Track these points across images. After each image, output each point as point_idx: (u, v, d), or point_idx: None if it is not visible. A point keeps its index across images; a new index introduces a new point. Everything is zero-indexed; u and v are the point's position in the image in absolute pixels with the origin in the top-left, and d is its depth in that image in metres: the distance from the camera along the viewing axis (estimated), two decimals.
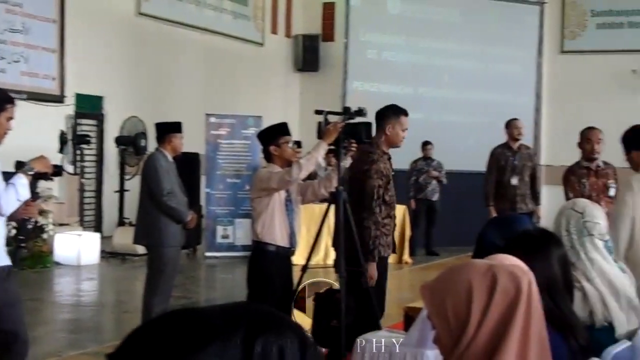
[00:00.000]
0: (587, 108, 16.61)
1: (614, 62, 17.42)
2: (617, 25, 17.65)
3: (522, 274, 2.00)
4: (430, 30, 16.28)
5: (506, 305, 1.94)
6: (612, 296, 3.75)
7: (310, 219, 11.32)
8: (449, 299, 1.97)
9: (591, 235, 3.82)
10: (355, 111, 6.27)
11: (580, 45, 17.89)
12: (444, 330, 1.99)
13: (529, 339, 1.94)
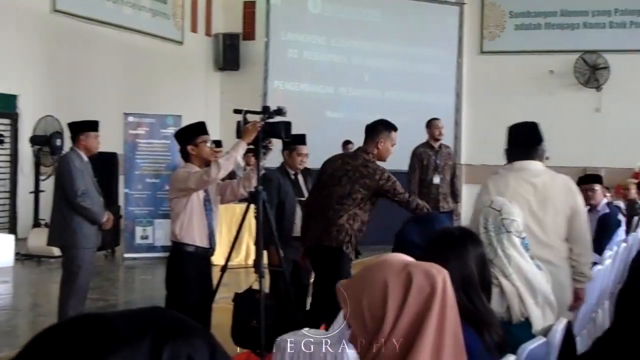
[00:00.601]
0: (506, 108, 16.85)
1: (532, 63, 17.74)
2: (534, 27, 17.96)
3: (437, 272, 2.02)
4: (351, 30, 16.34)
5: (421, 303, 1.96)
6: (528, 292, 3.80)
7: (232, 219, 11.27)
8: (365, 297, 1.98)
9: (508, 233, 3.88)
10: (274, 110, 6.23)
11: (499, 45, 18.16)
12: (360, 329, 2.00)
13: (443, 336, 1.96)
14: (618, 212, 9.10)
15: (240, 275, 9.72)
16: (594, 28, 17.65)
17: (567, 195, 4.97)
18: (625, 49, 17.27)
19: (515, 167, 5.08)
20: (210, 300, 6.29)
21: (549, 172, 5.06)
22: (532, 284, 3.84)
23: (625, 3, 17.43)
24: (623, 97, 17.09)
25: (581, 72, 17.47)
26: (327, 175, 6.46)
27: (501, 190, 4.90)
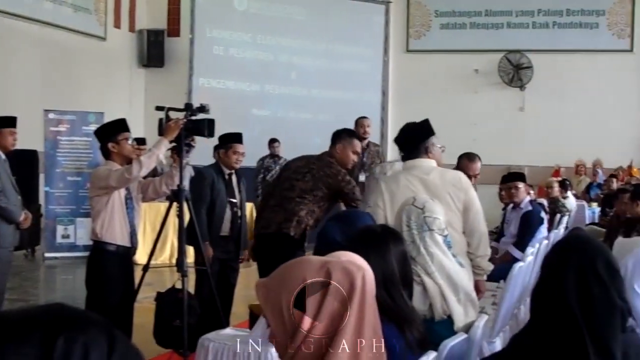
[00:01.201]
0: (432, 106, 16.97)
1: (457, 62, 17.89)
2: (459, 26, 18.13)
3: (356, 270, 2.01)
4: (277, 28, 16.31)
5: (340, 300, 1.96)
6: (450, 290, 3.85)
7: (156, 217, 11.16)
8: (284, 295, 1.97)
9: (431, 231, 3.92)
10: (197, 108, 6.21)
11: (425, 44, 18.27)
12: (279, 327, 1.99)
13: (362, 333, 1.96)
14: (541, 210, 9.23)
15: (165, 274, 9.63)
16: (518, 28, 17.88)
17: (459, 190, 5.03)
18: (548, 49, 17.53)
19: (406, 166, 5.20)
20: (132, 300, 6.22)
21: (439, 169, 5.14)
22: (454, 281, 3.89)
23: (547, 4, 17.70)
24: (546, 96, 17.35)
25: (505, 72, 17.69)
26: (290, 171, 6.59)
27: (392, 189, 4.99)
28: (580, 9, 17.62)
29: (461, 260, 4.15)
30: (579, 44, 17.52)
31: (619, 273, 2.57)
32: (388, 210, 4.93)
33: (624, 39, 17.56)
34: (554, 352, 2.45)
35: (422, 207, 3.98)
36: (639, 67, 17.38)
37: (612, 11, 17.58)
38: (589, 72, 17.22)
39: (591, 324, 2.42)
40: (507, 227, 9.18)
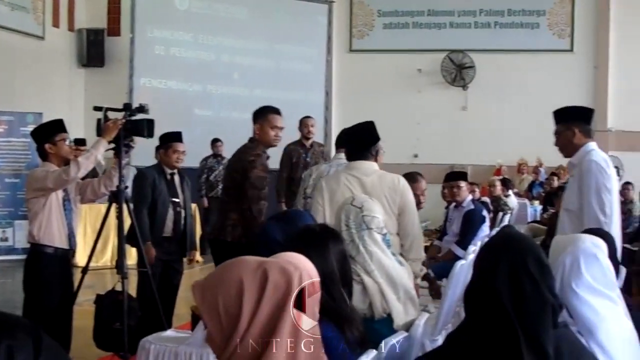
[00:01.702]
0: (376, 106, 17.02)
1: (400, 61, 17.92)
2: (402, 26, 18.17)
3: (293, 270, 2.01)
4: (219, 27, 16.19)
5: (277, 300, 1.95)
6: (390, 288, 3.87)
7: (96, 218, 11.03)
8: (221, 296, 1.96)
9: (370, 229, 3.95)
10: (136, 108, 6.19)
11: (368, 44, 18.30)
12: (216, 328, 1.97)
13: (299, 333, 1.96)
14: (483, 209, 9.31)
15: (107, 276, 9.51)
16: (460, 28, 17.98)
17: (395, 194, 5.16)
18: (490, 49, 17.66)
19: (349, 166, 5.35)
20: (71, 303, 6.16)
21: (379, 172, 5.28)
22: (393, 279, 3.91)
23: (489, 4, 17.84)
24: (488, 96, 17.49)
25: (448, 71, 17.79)
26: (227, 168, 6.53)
27: (333, 188, 5.17)
28: (521, 9, 17.78)
29: (400, 259, 4.16)
30: (520, 44, 17.70)
31: (549, 269, 2.60)
32: (327, 208, 5.11)
33: (564, 38, 17.78)
34: (489, 349, 2.47)
35: (360, 206, 4.01)
36: (579, 67, 17.61)
37: (553, 11, 17.78)
38: (530, 71, 17.39)
39: (523, 321, 2.45)
40: (449, 225, 9.24)
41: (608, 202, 5.25)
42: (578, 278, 3.10)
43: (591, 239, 3.26)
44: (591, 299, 3.08)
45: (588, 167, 5.33)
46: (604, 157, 5.43)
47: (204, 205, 13.70)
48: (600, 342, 3.02)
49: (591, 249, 3.18)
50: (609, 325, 3.05)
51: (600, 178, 5.27)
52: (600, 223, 5.14)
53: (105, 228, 6.55)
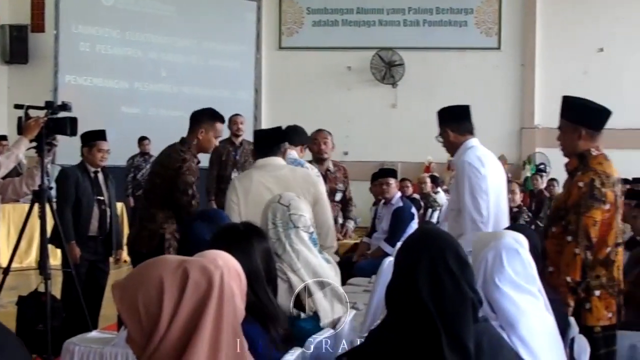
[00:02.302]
0: (306, 103, 17.05)
1: (330, 59, 17.93)
2: (332, 23, 18.18)
3: (214, 268, 2.01)
4: (146, 24, 15.99)
5: (198, 299, 1.95)
6: (317, 286, 3.85)
7: (20, 218, 10.82)
8: (141, 296, 1.95)
9: (297, 228, 3.95)
10: (58, 106, 6.11)
11: (298, 42, 18.26)
12: (136, 328, 1.96)
13: (221, 331, 1.95)
14: (412, 206, 9.36)
15: (32, 277, 9.37)
16: (389, 26, 18.04)
17: (308, 185, 5.30)
18: (419, 47, 17.77)
19: (258, 164, 5.44)
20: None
21: (289, 166, 5.53)
22: (320, 277, 3.89)
23: (418, 2, 17.93)
24: (417, 93, 17.60)
25: (377, 69, 17.84)
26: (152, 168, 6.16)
27: (246, 186, 5.26)
28: (449, 7, 17.92)
29: (327, 257, 4.16)
30: (449, 42, 17.83)
31: (468, 265, 2.63)
32: (242, 205, 5.19)
33: (491, 37, 17.98)
34: (410, 345, 2.49)
35: (287, 204, 4.01)
36: (506, 65, 17.81)
37: (480, 10, 17.97)
38: (459, 69, 17.55)
39: (444, 317, 2.48)
40: (378, 223, 9.29)
41: (484, 202, 5.18)
42: (500, 273, 3.15)
43: (512, 235, 3.31)
44: (513, 294, 3.12)
45: (462, 168, 5.29)
46: (480, 156, 5.34)
47: (130, 204, 13.54)
48: (521, 336, 3.06)
49: (512, 244, 3.22)
50: (529, 320, 3.10)
51: (473, 179, 5.21)
52: (476, 224, 5.11)
53: (30, 228, 6.46)
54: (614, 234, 4.59)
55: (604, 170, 4.70)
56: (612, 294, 4.69)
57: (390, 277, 3.57)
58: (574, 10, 17.49)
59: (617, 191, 4.68)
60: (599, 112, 4.89)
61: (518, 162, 17.33)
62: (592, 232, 4.56)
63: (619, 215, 4.70)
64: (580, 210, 4.63)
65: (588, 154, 4.76)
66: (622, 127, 15.87)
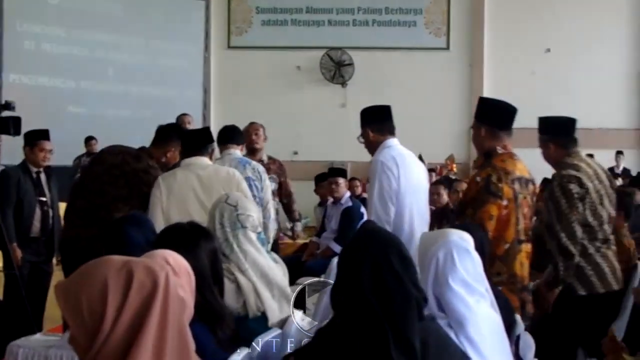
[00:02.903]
0: (255, 103, 17.02)
1: (279, 58, 17.91)
2: (281, 23, 18.17)
3: (159, 268, 1.99)
4: (92, 22, 15.77)
5: (142, 300, 1.93)
6: (265, 286, 3.92)
7: None
8: (84, 296, 1.92)
9: (244, 228, 3.98)
10: (1, 105, 6.04)
11: (247, 41, 18.20)
12: (79, 329, 1.94)
13: (166, 332, 1.94)
14: (361, 205, 9.40)
15: None
16: (339, 25, 18.08)
17: (231, 184, 5.40)
18: (369, 46, 17.82)
19: (184, 164, 5.53)
20: None
21: (214, 166, 5.65)
22: (268, 278, 3.94)
23: (367, 2, 17.99)
24: (367, 93, 17.57)
25: (327, 68, 17.86)
26: (103, 168, 5.79)
27: (169, 183, 5.35)
28: (398, 7, 18.00)
29: (275, 257, 4.20)
30: (398, 42, 17.90)
31: (412, 263, 2.66)
32: (165, 202, 5.31)
33: (440, 37, 18.10)
34: (357, 343, 2.50)
35: (235, 204, 4.03)
36: (454, 65, 17.93)
37: (429, 10, 18.08)
38: (408, 69, 17.61)
39: (389, 315, 2.50)
40: (327, 222, 9.35)
41: (391, 203, 5.22)
42: (453, 272, 3.16)
43: (458, 233, 3.32)
44: (464, 293, 3.14)
45: (374, 167, 5.34)
46: (395, 155, 5.37)
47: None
48: (470, 335, 3.07)
49: (461, 243, 3.24)
50: (478, 319, 3.12)
51: (383, 178, 5.24)
52: (381, 222, 5.12)
53: None
54: (514, 231, 4.64)
55: (504, 167, 4.85)
56: (513, 290, 4.80)
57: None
58: (521, 12, 17.69)
59: (516, 188, 4.79)
60: (500, 111, 5.07)
61: (467, 162, 17.47)
62: (488, 226, 4.68)
63: (520, 212, 4.79)
64: (476, 205, 4.79)
65: (494, 152, 4.93)
66: None
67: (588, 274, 5.28)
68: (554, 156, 5.39)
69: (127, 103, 15.99)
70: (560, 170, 5.26)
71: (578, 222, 5.16)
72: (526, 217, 4.91)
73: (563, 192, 5.14)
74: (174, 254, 2.20)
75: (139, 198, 5.57)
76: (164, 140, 5.91)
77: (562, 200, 5.13)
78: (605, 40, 17.60)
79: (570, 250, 5.12)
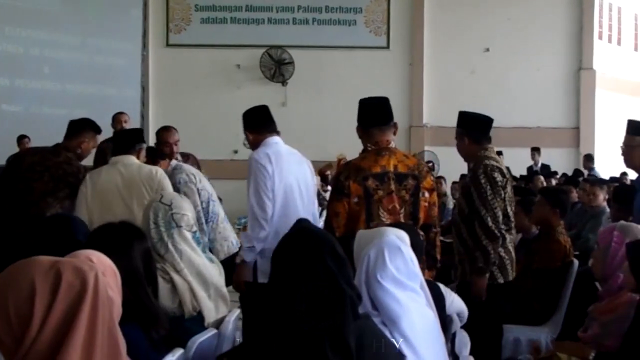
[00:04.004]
0: (195, 101, 17.00)
1: (219, 56, 17.90)
2: (220, 21, 18.15)
3: (88, 269, 1.98)
4: (27, 19, 15.49)
5: (71, 300, 1.91)
6: (201, 286, 3.90)
7: None
8: (11, 298, 1.90)
9: (179, 227, 3.96)
10: None
11: (186, 39, 18.15)
12: (6, 331, 1.91)
13: (95, 333, 1.92)
14: None
15: None
16: (279, 24, 18.13)
17: (152, 182, 5.61)
18: (308, 45, 17.87)
19: (112, 161, 5.77)
20: None
21: (139, 164, 5.79)
22: (204, 277, 3.92)
23: (307, 0, 18.07)
24: (307, 92, 17.72)
25: (267, 67, 17.89)
26: (25, 167, 5.88)
27: (95, 179, 5.65)
28: (338, 6, 18.10)
29: (211, 256, 4.21)
30: (338, 41, 18.00)
31: (346, 261, 2.66)
32: (89, 196, 5.57)
33: (380, 36, 18.23)
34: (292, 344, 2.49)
35: (169, 203, 4.04)
36: (394, 64, 18.11)
37: (369, 9, 18.21)
38: (348, 68, 17.74)
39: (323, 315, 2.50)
40: None
41: (268, 200, 5.23)
42: (383, 270, 3.17)
43: (395, 232, 3.35)
44: (395, 291, 3.16)
45: (249, 165, 5.36)
46: (270, 153, 5.40)
47: None
48: (404, 332, 3.10)
49: (395, 242, 3.26)
50: (412, 316, 3.14)
51: (259, 176, 5.26)
52: (258, 220, 5.17)
53: None
54: (363, 227, 4.60)
55: (358, 164, 4.97)
56: None
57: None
58: (461, 11, 17.91)
59: (369, 185, 4.85)
60: (368, 109, 5.35)
61: None
62: (334, 222, 4.82)
63: (379, 207, 4.84)
64: (328, 203, 5.06)
65: (365, 150, 5.12)
66: (507, 125, 16.40)
67: (505, 263, 5.49)
68: (467, 149, 5.63)
69: (63, 101, 15.73)
70: (482, 160, 5.43)
71: (500, 209, 5.36)
72: (394, 211, 4.88)
73: (488, 179, 5.34)
74: (97, 253, 2.20)
75: (67, 189, 5.79)
76: (77, 132, 6.10)
77: (487, 187, 5.32)
78: (543, 40, 17.93)
79: (495, 234, 5.31)
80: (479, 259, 5.33)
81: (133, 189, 5.57)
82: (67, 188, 5.80)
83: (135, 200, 5.54)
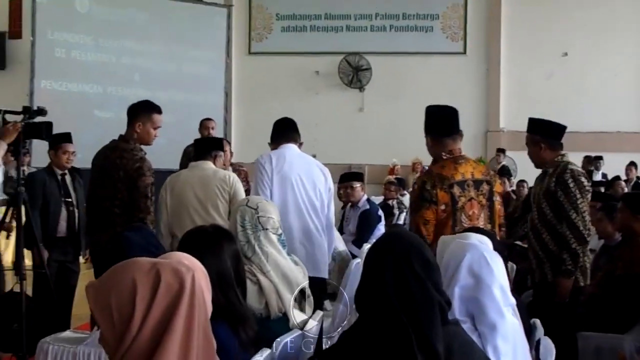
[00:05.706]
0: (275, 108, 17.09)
1: (298, 64, 18.06)
2: (300, 29, 18.32)
3: (186, 271, 2.03)
4: (119, 30, 15.92)
5: (169, 301, 1.97)
6: (286, 288, 3.91)
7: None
8: (113, 297, 1.97)
9: (265, 230, 3.99)
10: (35, 110, 6.18)
11: (267, 47, 18.38)
12: (108, 329, 1.98)
13: (192, 333, 1.98)
14: (378, 208, 9.43)
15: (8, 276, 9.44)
16: (357, 31, 18.18)
17: (226, 185, 6.15)
18: (386, 51, 17.92)
19: (190, 166, 6.49)
20: None
21: (214, 169, 6.37)
22: (289, 279, 3.93)
23: (385, 8, 18.06)
24: (384, 97, 17.70)
25: (345, 73, 17.95)
26: (95, 172, 6.06)
27: (173, 182, 6.27)
28: (415, 13, 18.08)
29: (296, 259, 4.21)
30: (415, 47, 18.00)
31: (435, 267, 2.67)
32: (168, 198, 6.22)
33: (457, 42, 18.15)
34: (382, 346, 2.53)
35: (255, 207, 4.03)
36: (471, 69, 18.00)
37: (446, 15, 18.13)
38: (425, 73, 17.66)
39: (412, 319, 2.52)
40: (346, 225, 9.34)
41: (263, 194, 5.54)
42: (491, 275, 3.18)
43: (478, 237, 3.37)
44: (500, 299, 3.18)
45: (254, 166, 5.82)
46: (272, 154, 5.75)
47: None
48: (496, 343, 3.12)
49: (488, 247, 3.30)
50: (507, 326, 3.15)
51: (257, 174, 5.66)
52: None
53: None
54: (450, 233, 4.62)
55: (440, 173, 4.99)
56: None
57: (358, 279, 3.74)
58: (538, 16, 17.66)
59: (455, 192, 4.92)
60: (439, 119, 5.30)
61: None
62: (423, 230, 4.85)
63: (462, 214, 4.93)
64: (413, 210, 5.05)
65: (439, 159, 5.14)
66: (585, 130, 16.24)
67: (587, 266, 5.61)
68: (542, 155, 5.72)
69: None
70: (566, 165, 5.55)
71: (588, 213, 5.48)
72: (474, 216, 4.99)
73: (576, 184, 5.44)
74: (187, 256, 2.16)
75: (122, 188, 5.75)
76: (133, 117, 6.01)
77: (576, 191, 5.41)
78: (622, 44, 17.55)
79: (585, 238, 5.42)
80: (566, 261, 5.41)
81: (208, 191, 6.11)
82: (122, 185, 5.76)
83: (209, 201, 6.08)
